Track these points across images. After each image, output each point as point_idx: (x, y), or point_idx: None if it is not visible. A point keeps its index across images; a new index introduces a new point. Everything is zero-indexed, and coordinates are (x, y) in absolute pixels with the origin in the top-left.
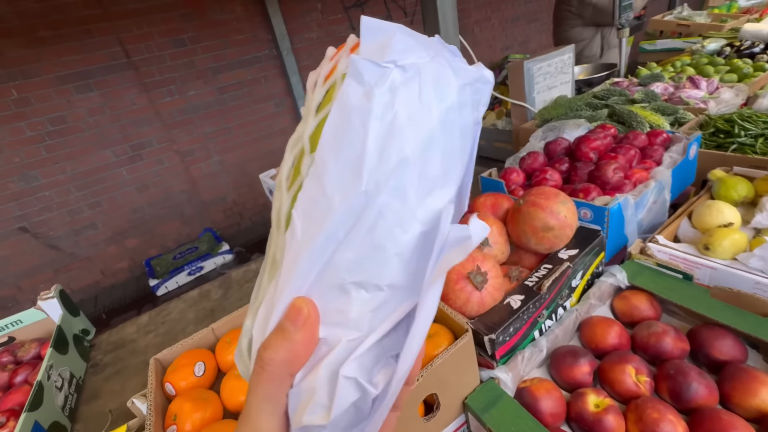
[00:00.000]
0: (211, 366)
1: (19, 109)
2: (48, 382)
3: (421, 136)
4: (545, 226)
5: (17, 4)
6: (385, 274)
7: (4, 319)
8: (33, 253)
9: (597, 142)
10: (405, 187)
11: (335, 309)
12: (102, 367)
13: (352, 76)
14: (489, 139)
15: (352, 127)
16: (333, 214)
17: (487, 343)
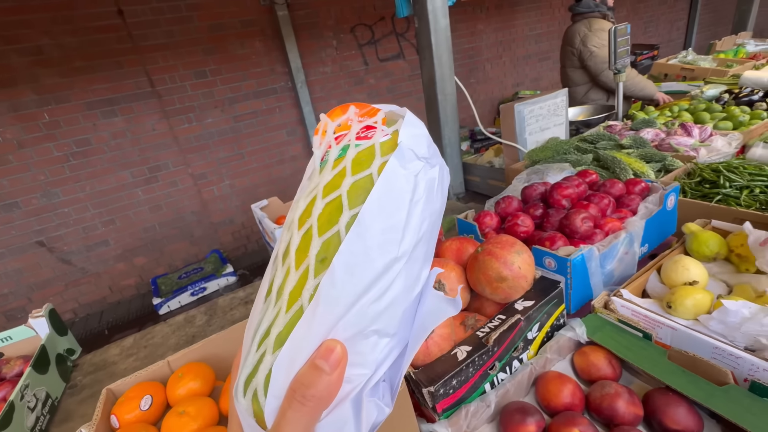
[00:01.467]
0: (159, 400)
1: (49, 131)
2: (21, 402)
3: (432, 219)
4: (499, 277)
5: (58, 37)
6: (394, 324)
7: None
8: (46, 266)
9: (569, 189)
10: (420, 257)
11: (357, 351)
12: (80, 388)
13: (397, 158)
14: (484, 177)
15: (400, 198)
16: (372, 272)
17: (427, 395)
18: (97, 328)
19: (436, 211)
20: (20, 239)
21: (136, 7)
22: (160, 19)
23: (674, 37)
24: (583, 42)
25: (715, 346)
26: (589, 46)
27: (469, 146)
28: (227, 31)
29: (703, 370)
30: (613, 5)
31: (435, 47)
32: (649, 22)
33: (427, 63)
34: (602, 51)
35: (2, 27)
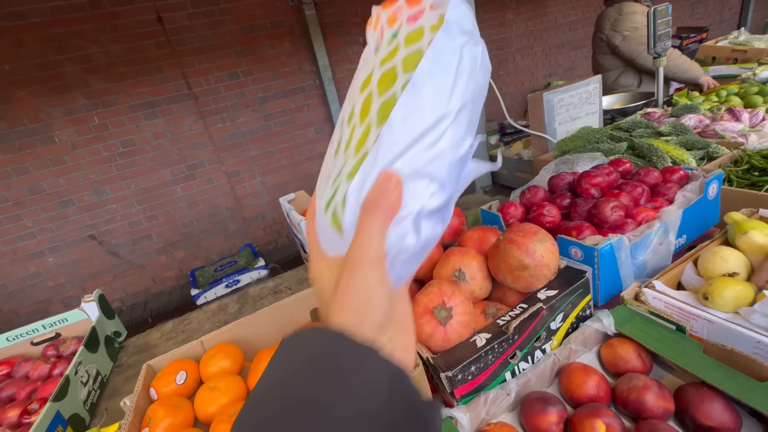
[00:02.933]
0: (193, 376)
1: (99, 133)
2: (75, 376)
3: (476, 91)
4: (520, 265)
5: (105, 45)
6: (443, 173)
7: (53, 317)
8: (98, 258)
9: (599, 178)
10: (464, 121)
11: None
12: (125, 367)
13: (444, 32)
14: (511, 169)
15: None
16: (424, 124)
17: (445, 380)
18: (141, 316)
19: (479, 83)
20: (75, 233)
21: (174, 13)
22: (196, 24)
23: (726, 17)
24: (613, 27)
25: (758, 341)
26: (620, 31)
27: (498, 140)
28: (258, 32)
29: (742, 364)
30: None
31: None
32: (697, 2)
33: None
34: (636, 34)
35: (58, 38)
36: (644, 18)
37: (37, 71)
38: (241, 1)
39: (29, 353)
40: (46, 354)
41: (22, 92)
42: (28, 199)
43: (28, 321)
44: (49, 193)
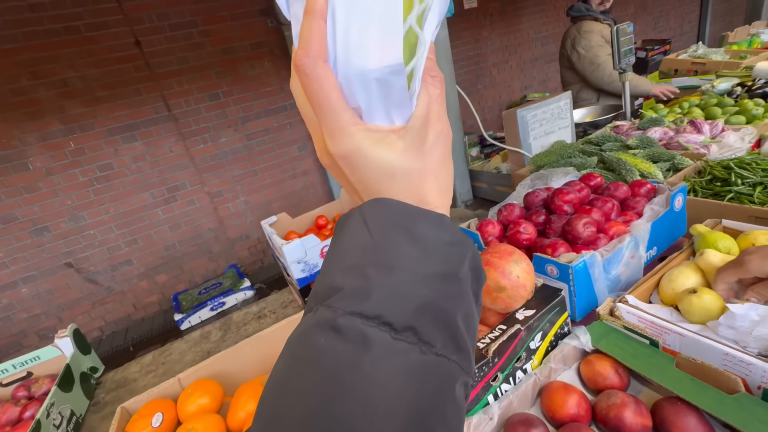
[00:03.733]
0: (170, 417)
1: (75, 158)
2: (47, 419)
3: None
4: (497, 286)
5: (82, 69)
6: None
7: (25, 355)
8: (75, 286)
9: (571, 195)
10: None
11: None
12: (102, 405)
13: None
14: (491, 183)
15: None
16: None
17: None
18: (122, 344)
19: None
20: (50, 261)
21: (152, 36)
22: (175, 47)
23: (687, 30)
24: (573, 44)
25: (725, 353)
26: (577, 48)
27: (479, 152)
28: (238, 53)
29: (712, 377)
30: (608, 9)
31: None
32: (660, 17)
33: None
34: (589, 53)
35: (32, 63)
36: (600, 38)
37: (10, 97)
38: (220, 24)
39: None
40: (17, 396)
41: None
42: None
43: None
44: (23, 221)
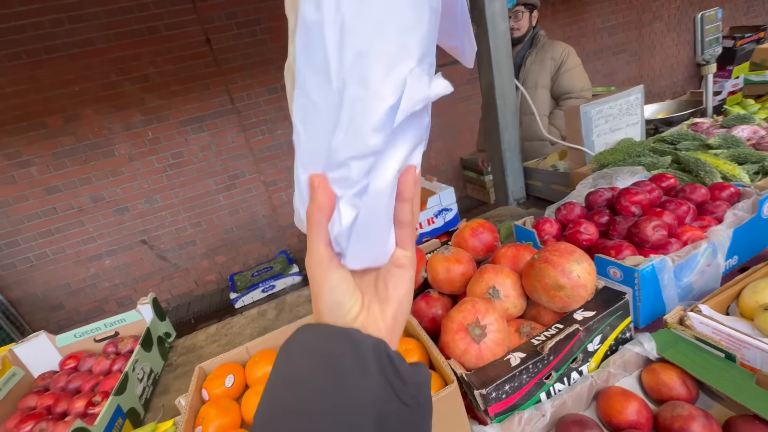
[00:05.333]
0: (240, 380)
1: (152, 147)
2: (132, 373)
3: (369, 28)
4: (556, 285)
5: (160, 65)
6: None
7: (113, 317)
8: (148, 261)
9: (640, 195)
10: (366, 76)
11: (342, 177)
12: (175, 366)
13: (303, 22)
14: (546, 182)
15: (314, 40)
16: (320, 115)
17: (478, 397)
18: (185, 317)
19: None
20: (129, 238)
21: (221, 34)
22: (240, 44)
23: None
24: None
25: None
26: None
27: None
28: None
29: None
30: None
31: (493, 51)
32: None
33: (486, 67)
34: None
35: (120, 60)
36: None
37: (101, 91)
38: (281, 21)
39: (92, 349)
40: (107, 351)
41: (88, 110)
42: (90, 206)
43: (87, 317)
44: (108, 201)
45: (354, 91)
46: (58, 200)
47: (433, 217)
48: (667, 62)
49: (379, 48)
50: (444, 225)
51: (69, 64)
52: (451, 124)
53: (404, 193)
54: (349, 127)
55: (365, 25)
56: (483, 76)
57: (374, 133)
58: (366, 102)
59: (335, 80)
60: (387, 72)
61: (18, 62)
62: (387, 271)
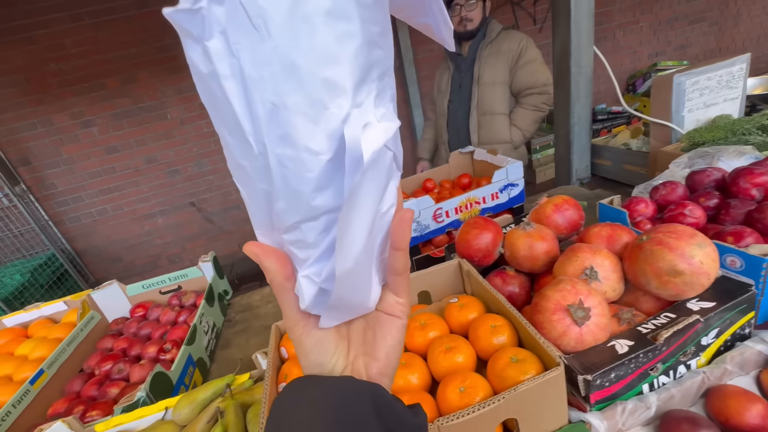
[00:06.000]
0: None
1: (201, 111)
2: (200, 325)
3: (278, 73)
4: (672, 270)
5: None
6: (315, 207)
7: (176, 272)
8: (195, 223)
9: (764, 176)
10: (288, 132)
11: (297, 239)
12: (234, 323)
13: (183, 35)
14: (617, 161)
15: (215, 96)
16: (251, 181)
17: (582, 383)
18: (229, 277)
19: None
20: (179, 199)
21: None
22: None
23: None
24: None
25: None
26: None
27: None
28: None
29: None
30: None
31: (574, 12)
32: None
33: (562, 30)
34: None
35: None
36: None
37: (156, 54)
38: None
39: (157, 300)
40: (171, 303)
41: (144, 73)
42: (145, 167)
43: (142, 271)
44: (161, 163)
45: (278, 152)
46: (116, 160)
47: (497, 192)
48: (753, 33)
49: (296, 96)
50: (508, 201)
51: (127, 26)
52: None
53: (399, 243)
54: (286, 192)
55: (272, 70)
56: (558, 39)
57: (318, 193)
58: (297, 161)
59: (253, 143)
60: (314, 120)
61: (81, 23)
62: (377, 318)
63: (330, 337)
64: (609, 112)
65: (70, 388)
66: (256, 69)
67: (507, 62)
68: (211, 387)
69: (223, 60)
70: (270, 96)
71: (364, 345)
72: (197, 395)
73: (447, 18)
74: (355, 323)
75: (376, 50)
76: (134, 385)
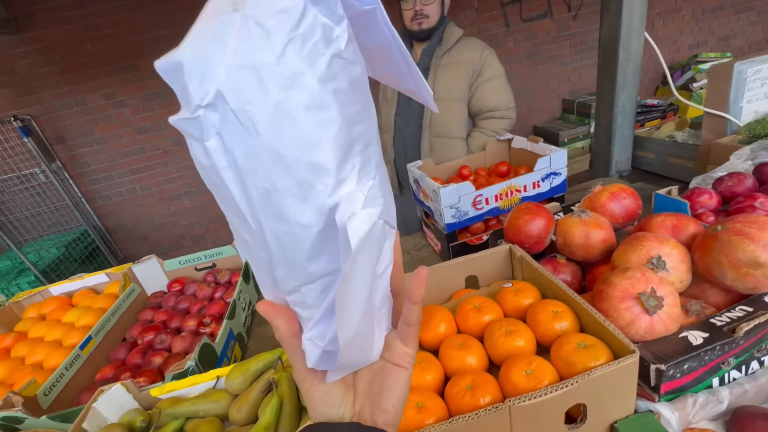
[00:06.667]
0: None
1: None
2: (239, 301)
3: (267, 163)
4: (753, 261)
5: None
6: (311, 273)
7: (211, 249)
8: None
9: None
10: (281, 210)
11: (299, 301)
12: None
13: (186, 136)
14: (662, 153)
15: (216, 183)
16: (254, 251)
17: (653, 372)
18: None
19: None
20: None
21: None
22: None
23: None
24: None
25: None
26: None
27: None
28: None
29: None
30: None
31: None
32: None
33: (612, 14)
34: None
35: (202, 4)
36: None
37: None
38: None
39: (193, 276)
40: (207, 279)
41: None
42: (173, 149)
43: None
44: None
45: (274, 228)
46: (146, 141)
47: (539, 180)
48: None
49: (284, 180)
50: (550, 190)
51: (159, 8)
52: (527, 87)
53: (415, 297)
54: (284, 261)
55: (262, 162)
56: (606, 24)
57: (312, 260)
58: (291, 235)
59: (251, 221)
60: (303, 199)
61: (116, 4)
62: (383, 368)
63: (337, 388)
64: (643, 105)
65: (116, 356)
66: (248, 161)
67: (466, 76)
68: (262, 359)
69: (220, 155)
70: (262, 182)
71: (370, 396)
72: (249, 366)
73: (426, 84)
74: (360, 372)
75: (357, 126)
76: (176, 355)
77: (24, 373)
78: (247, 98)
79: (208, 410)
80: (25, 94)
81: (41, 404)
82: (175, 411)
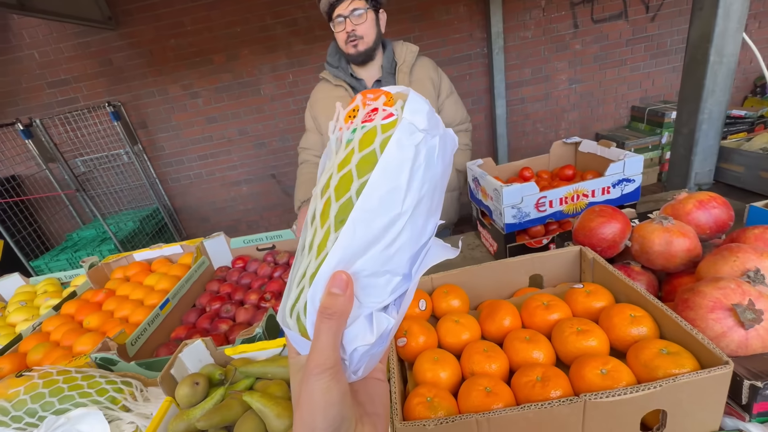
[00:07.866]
0: (429, 306)
1: (290, 89)
2: None
3: (432, 182)
4: None
5: (308, 10)
6: (402, 266)
7: (272, 232)
8: (274, 194)
9: None
10: (423, 213)
11: (374, 285)
12: None
13: (400, 132)
14: (753, 167)
15: (401, 166)
16: (380, 226)
17: (746, 389)
18: None
19: (437, 174)
20: (262, 171)
21: None
22: None
23: None
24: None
25: None
26: None
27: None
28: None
29: None
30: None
31: None
32: None
33: (706, 13)
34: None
35: (274, 4)
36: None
37: (257, 33)
38: None
39: (254, 255)
40: (267, 259)
41: (245, 51)
42: (237, 138)
43: (226, 232)
44: (251, 135)
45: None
46: (214, 129)
47: (609, 186)
48: None
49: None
50: (620, 197)
51: (234, 6)
52: (592, 91)
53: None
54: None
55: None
56: (698, 23)
57: (410, 259)
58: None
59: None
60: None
61: (198, 2)
62: (365, 384)
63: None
64: (727, 116)
65: (187, 319)
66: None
67: (434, 93)
68: None
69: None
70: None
71: (363, 405)
72: None
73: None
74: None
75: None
76: (239, 324)
77: (113, 324)
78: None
79: (276, 373)
80: (118, 83)
81: (128, 352)
82: (248, 370)
